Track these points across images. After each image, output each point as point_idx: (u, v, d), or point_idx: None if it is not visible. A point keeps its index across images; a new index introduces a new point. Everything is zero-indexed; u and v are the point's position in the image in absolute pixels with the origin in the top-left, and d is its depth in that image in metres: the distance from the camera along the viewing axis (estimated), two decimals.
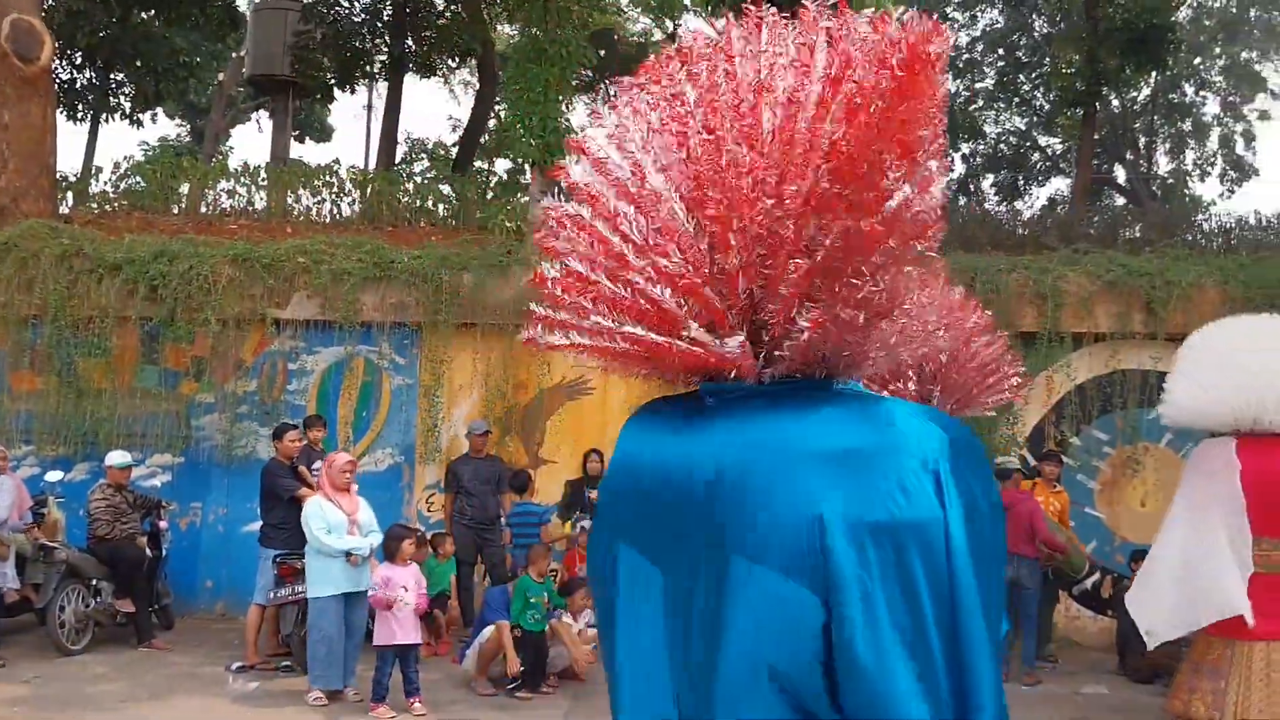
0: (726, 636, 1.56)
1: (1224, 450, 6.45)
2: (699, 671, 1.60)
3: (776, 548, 1.53)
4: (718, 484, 1.60)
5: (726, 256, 1.58)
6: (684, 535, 1.63)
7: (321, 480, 7.65)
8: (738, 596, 1.55)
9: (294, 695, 7.51)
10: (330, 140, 29.22)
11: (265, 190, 13.57)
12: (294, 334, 10.62)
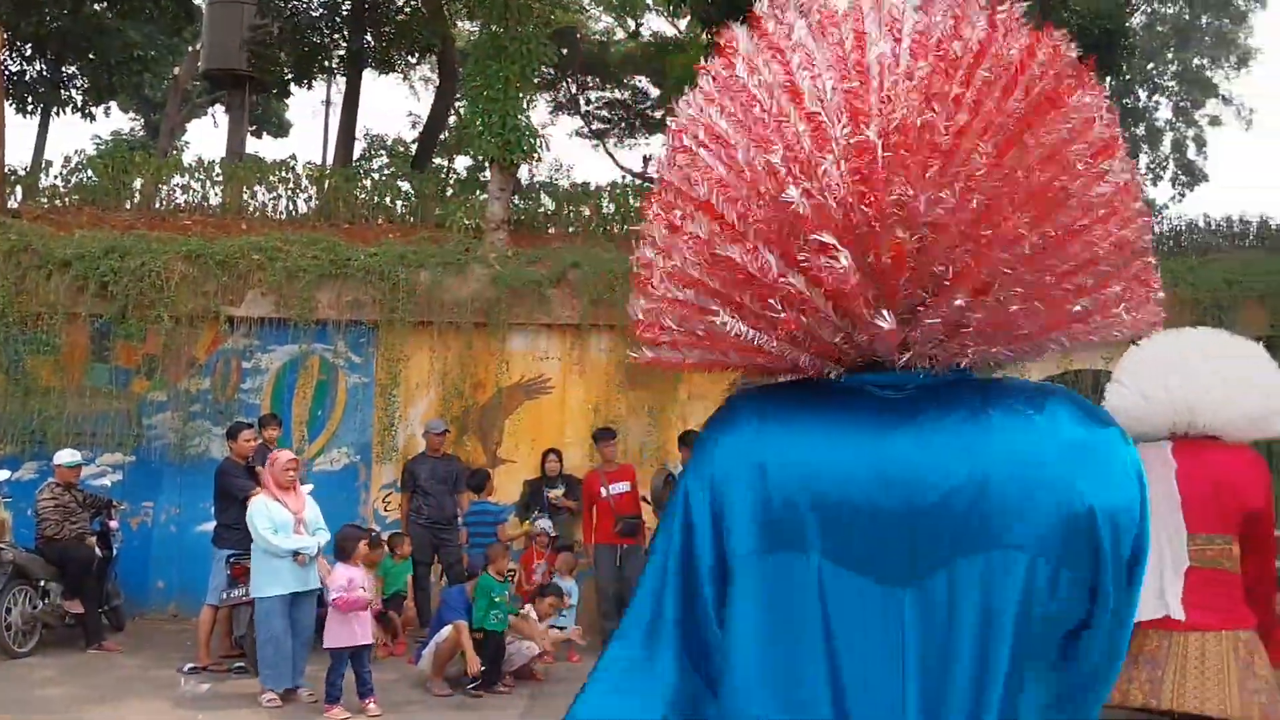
0: (994, 633, 1.55)
1: (1160, 453, 6.62)
2: (935, 676, 1.57)
3: (1055, 541, 1.55)
4: (972, 487, 1.56)
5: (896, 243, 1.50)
6: (913, 542, 1.59)
7: (265, 479, 7.56)
8: (1009, 591, 1.55)
9: (247, 697, 7.42)
10: (288, 136, 29.00)
11: (220, 186, 13.43)
12: (248, 332, 10.51)
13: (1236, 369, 6.69)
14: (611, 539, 9.14)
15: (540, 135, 12.38)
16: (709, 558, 1.72)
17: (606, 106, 25.94)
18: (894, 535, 1.58)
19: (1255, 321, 10.25)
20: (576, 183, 14.85)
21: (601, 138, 25.91)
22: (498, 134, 11.67)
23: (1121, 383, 6.99)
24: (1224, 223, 13.35)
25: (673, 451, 10.07)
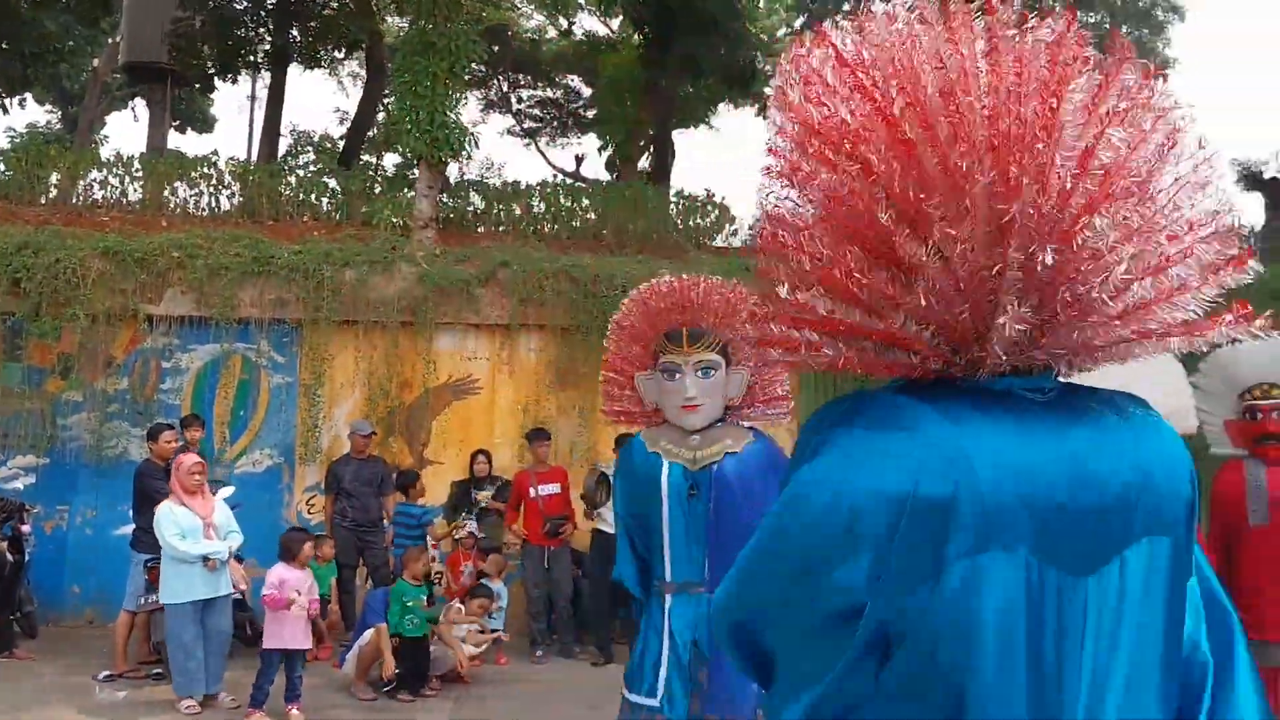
0: (1151, 612, 1.74)
1: None
2: (1105, 659, 1.71)
3: (1184, 520, 1.78)
4: (1138, 480, 1.74)
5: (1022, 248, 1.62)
6: (1095, 534, 1.71)
7: (172, 483, 7.40)
8: (1162, 572, 1.75)
9: (166, 704, 7.28)
10: (212, 131, 28.44)
11: (140, 181, 13.13)
12: (168, 331, 10.29)
13: (1145, 365, 7.06)
14: (540, 540, 9.11)
15: (470, 133, 12.30)
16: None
17: (538, 105, 25.86)
18: (1082, 529, 1.71)
19: None
20: (507, 181, 14.75)
21: (533, 136, 25.83)
22: (426, 131, 11.57)
23: None
24: None
25: (604, 452, 10.07)
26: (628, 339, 4.63)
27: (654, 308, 4.60)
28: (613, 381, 4.71)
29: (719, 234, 13.61)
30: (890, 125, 1.66)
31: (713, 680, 4.28)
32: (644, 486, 4.41)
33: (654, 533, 4.43)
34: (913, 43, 1.72)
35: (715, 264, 10.83)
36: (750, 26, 19.33)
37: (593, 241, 12.66)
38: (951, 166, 1.63)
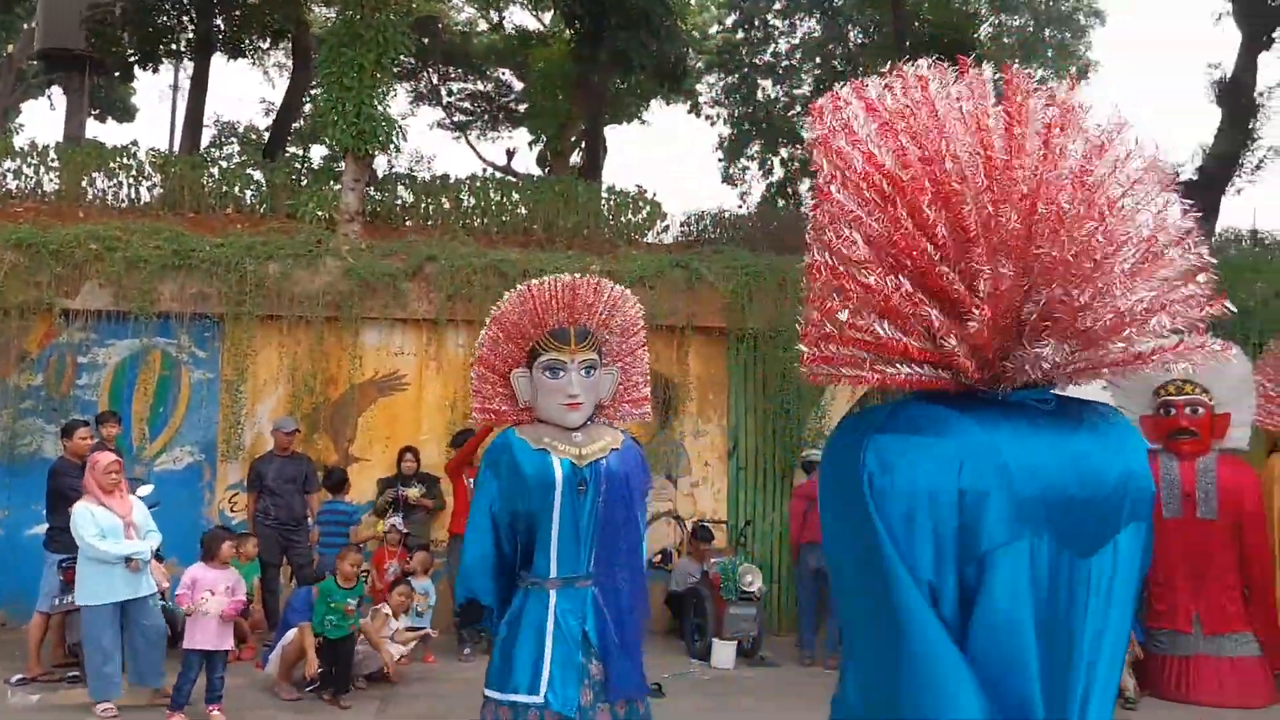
0: (1132, 586, 2.18)
1: None
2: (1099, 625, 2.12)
3: (1149, 508, 2.23)
4: (1125, 475, 2.16)
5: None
6: (1096, 521, 2.12)
7: (88, 483, 7.22)
8: (1139, 553, 2.19)
9: (81, 708, 7.11)
10: (133, 121, 27.75)
11: (56, 171, 12.79)
12: (84, 325, 10.03)
13: None
14: None
15: (398, 126, 12.16)
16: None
17: (469, 98, 25.67)
18: (1087, 517, 2.11)
19: None
20: (436, 175, 14.62)
21: (464, 130, 25.64)
22: (353, 123, 11.43)
23: None
24: None
25: None
26: (506, 336, 4.64)
27: (540, 305, 4.61)
28: (486, 379, 4.70)
29: (650, 230, 13.62)
30: (935, 179, 2.03)
31: (606, 668, 4.38)
32: (532, 483, 4.42)
33: (539, 529, 4.45)
34: (948, 104, 2.14)
35: (647, 260, 10.86)
36: (682, 23, 19.40)
37: (523, 236, 12.61)
38: (985, 216, 2.01)
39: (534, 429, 4.57)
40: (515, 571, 4.59)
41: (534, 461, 4.45)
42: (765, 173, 27.45)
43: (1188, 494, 8.32)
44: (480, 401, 4.75)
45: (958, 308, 2.05)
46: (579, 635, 4.39)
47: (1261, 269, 11.18)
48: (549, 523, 4.44)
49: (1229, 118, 16.82)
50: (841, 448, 2.26)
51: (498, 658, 4.47)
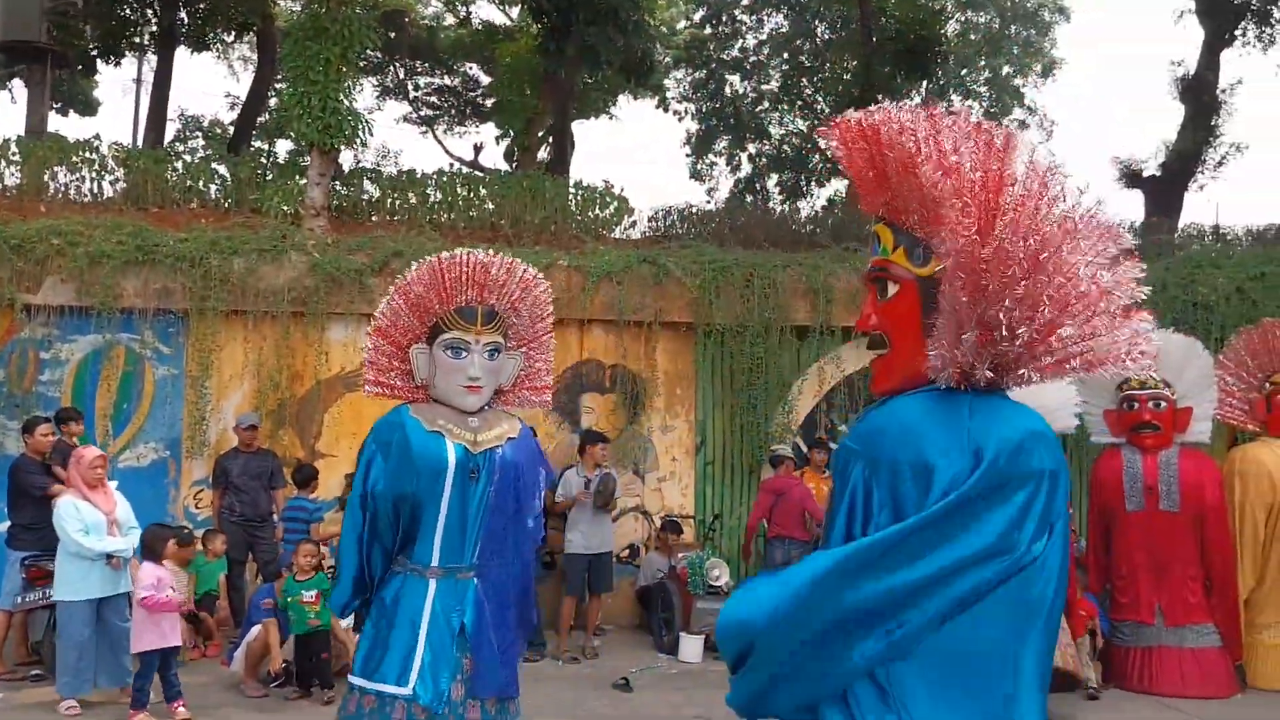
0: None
1: None
2: None
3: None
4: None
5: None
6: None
7: (72, 477, 7.15)
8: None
9: (45, 706, 7.05)
10: (96, 115, 27.46)
11: (17, 165, 12.63)
12: (46, 321, 9.91)
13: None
14: None
15: (364, 120, 12.10)
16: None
17: (436, 93, 25.56)
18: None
19: None
20: (403, 169, 14.56)
21: (430, 124, 25.53)
22: (318, 117, 11.37)
23: None
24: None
25: None
26: (410, 308, 4.37)
27: (450, 280, 4.34)
28: (383, 351, 4.44)
29: (618, 225, 13.63)
30: (990, 209, 2.41)
31: (478, 663, 4.22)
32: (421, 466, 4.18)
33: (424, 515, 4.22)
34: (989, 148, 2.49)
35: (614, 256, 10.86)
36: (649, 18, 19.38)
37: (490, 232, 12.58)
38: (1009, 248, 2.38)
39: (429, 409, 4.33)
40: (391, 555, 4.33)
41: (426, 443, 4.20)
42: (733, 168, 27.50)
43: (1150, 487, 8.41)
44: (374, 374, 4.47)
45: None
46: (456, 628, 4.19)
47: (1223, 264, 11.31)
48: (436, 510, 4.20)
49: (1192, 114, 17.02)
50: (885, 436, 2.58)
51: (366, 645, 4.24)
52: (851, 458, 2.62)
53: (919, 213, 2.55)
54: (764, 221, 14.83)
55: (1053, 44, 27.25)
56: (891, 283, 2.62)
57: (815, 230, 14.26)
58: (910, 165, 2.49)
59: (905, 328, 2.61)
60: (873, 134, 2.58)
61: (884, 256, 2.64)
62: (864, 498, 2.54)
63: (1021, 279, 2.38)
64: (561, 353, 10.64)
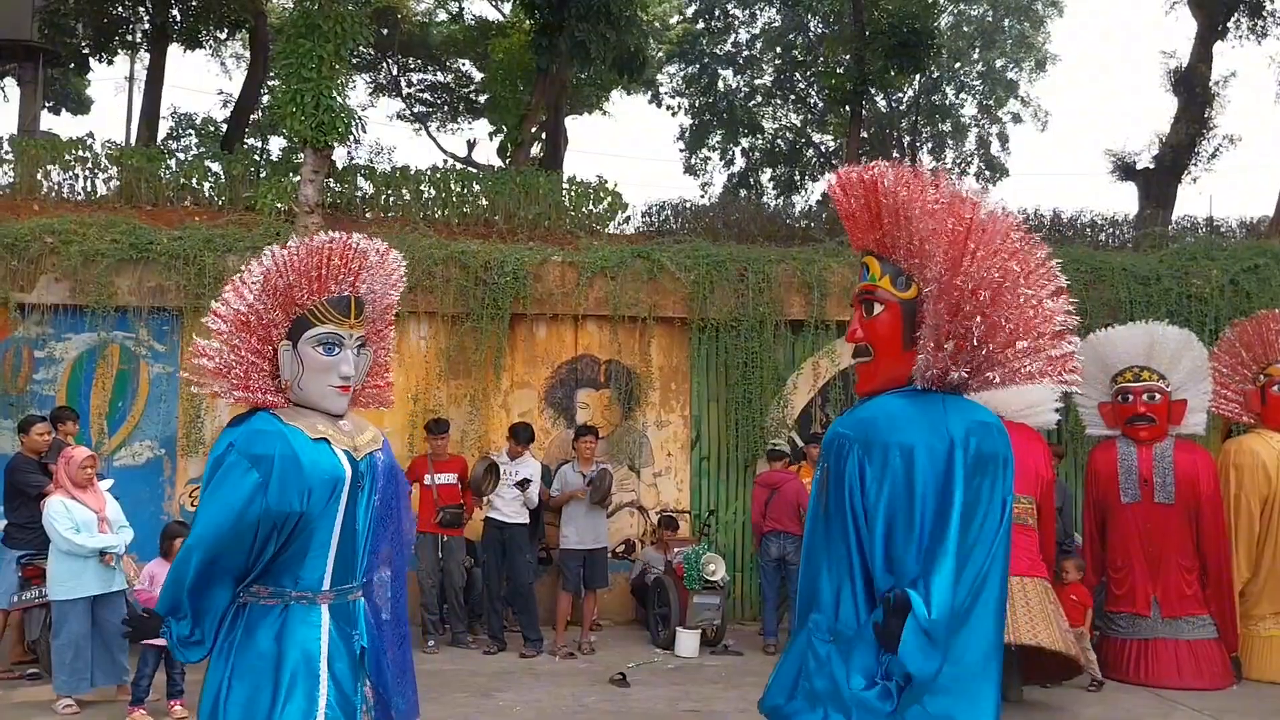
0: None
1: None
2: None
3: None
4: None
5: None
6: None
7: (60, 477, 7.15)
8: None
9: (41, 705, 7.05)
10: (89, 113, 27.39)
11: (10, 164, 12.60)
12: (41, 319, 9.90)
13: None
14: (432, 529, 9.01)
15: (357, 117, 12.07)
16: None
17: (429, 89, 25.53)
18: None
19: None
20: (396, 166, 14.53)
21: (424, 121, 25.50)
22: (311, 114, 11.33)
23: None
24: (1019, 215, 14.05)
25: (497, 440, 10.02)
26: (275, 299, 3.69)
27: (327, 268, 3.70)
28: (242, 349, 3.67)
29: (611, 221, 13.62)
30: (962, 248, 3.21)
31: (380, 689, 3.76)
32: (314, 479, 3.53)
33: (316, 534, 3.58)
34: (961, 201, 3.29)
35: (608, 251, 10.86)
36: (641, 13, 19.37)
37: (484, 228, 12.56)
38: (979, 278, 3.18)
39: (297, 414, 3.66)
40: (236, 587, 3.60)
41: (315, 454, 3.57)
42: (726, 163, 27.51)
43: (1145, 479, 8.44)
44: (235, 379, 3.65)
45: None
46: (356, 653, 3.64)
47: (1216, 256, 11.33)
48: (330, 527, 3.58)
49: (1184, 107, 17.03)
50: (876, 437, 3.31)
51: (241, 698, 3.44)
52: (846, 442, 3.31)
53: (905, 249, 3.28)
54: (758, 216, 14.81)
55: (1046, 37, 27.29)
56: (878, 304, 3.34)
57: (809, 224, 14.25)
58: (903, 212, 3.23)
59: (888, 341, 3.33)
60: (872, 184, 3.30)
61: (873, 282, 3.34)
62: (859, 474, 3.24)
63: (988, 303, 3.14)
64: (556, 348, 10.65)
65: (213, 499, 3.49)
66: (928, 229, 3.22)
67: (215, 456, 3.56)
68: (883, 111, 25.52)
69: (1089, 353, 8.81)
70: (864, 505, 3.25)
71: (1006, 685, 7.48)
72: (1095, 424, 8.86)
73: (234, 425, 3.64)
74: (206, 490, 3.53)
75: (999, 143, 27.97)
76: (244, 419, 3.65)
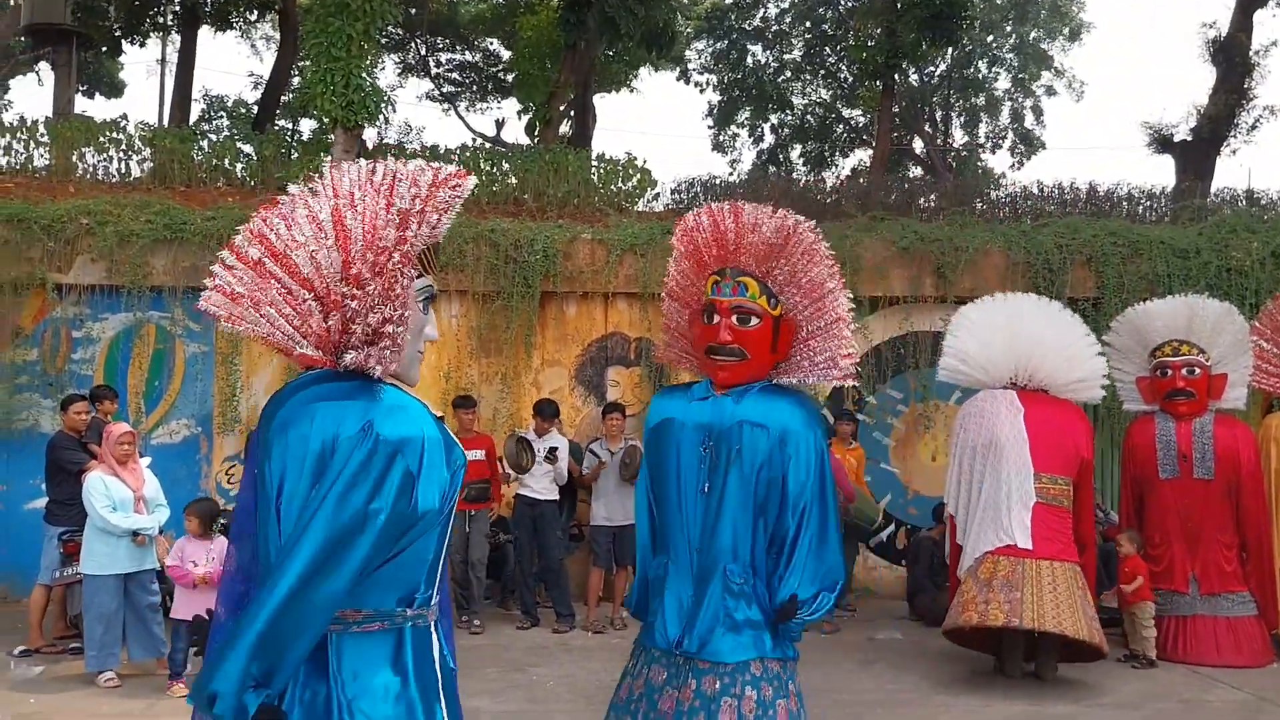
0: None
1: (1008, 397, 7.46)
2: None
3: None
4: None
5: None
6: None
7: (103, 453, 7.23)
8: None
9: (83, 679, 7.14)
10: (122, 96, 27.57)
11: (45, 147, 12.71)
12: (78, 300, 10.01)
13: (1066, 341, 7.63)
14: (460, 505, 9.02)
15: (387, 97, 12.09)
16: None
17: (457, 69, 25.53)
18: None
19: (1083, 284, 10.75)
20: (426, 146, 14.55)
21: (452, 101, 25.50)
22: (341, 95, 11.37)
23: (957, 335, 7.95)
24: (1055, 189, 13.92)
25: (526, 418, 10.03)
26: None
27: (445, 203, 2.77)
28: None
29: (641, 198, 13.58)
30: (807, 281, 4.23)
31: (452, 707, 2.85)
32: (451, 466, 2.79)
33: (434, 541, 2.76)
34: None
35: (637, 228, 10.83)
36: None
37: (513, 206, 12.56)
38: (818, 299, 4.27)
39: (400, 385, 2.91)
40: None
41: (449, 436, 2.82)
42: (755, 140, 27.33)
43: (1184, 455, 8.34)
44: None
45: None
46: (453, 682, 2.81)
47: (1256, 229, 11.15)
48: (447, 529, 2.81)
49: (1223, 77, 16.76)
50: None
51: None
52: (750, 426, 4.07)
53: (783, 280, 4.16)
54: (788, 191, 14.68)
55: (1080, 7, 26.90)
56: (755, 317, 4.10)
57: (840, 199, 14.14)
58: (781, 252, 4.16)
59: (759, 347, 4.10)
60: (786, 233, 4.17)
61: (752, 300, 4.09)
62: (767, 452, 4.05)
63: (816, 316, 4.17)
64: (587, 326, 10.65)
65: (343, 505, 2.45)
66: (800, 269, 4.16)
67: (328, 444, 2.52)
68: (914, 85, 25.27)
69: (1127, 327, 8.72)
70: (768, 476, 4.04)
71: (1042, 665, 7.48)
72: (1133, 399, 8.76)
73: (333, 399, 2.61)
74: (327, 493, 2.46)
75: (1033, 115, 27.62)
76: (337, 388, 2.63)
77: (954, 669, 7.85)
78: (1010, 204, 13.88)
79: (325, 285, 2.54)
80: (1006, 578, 7.13)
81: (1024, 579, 7.07)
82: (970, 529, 7.51)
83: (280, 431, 2.56)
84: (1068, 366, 7.65)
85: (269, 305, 2.55)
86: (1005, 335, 7.66)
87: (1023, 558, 7.16)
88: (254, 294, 2.57)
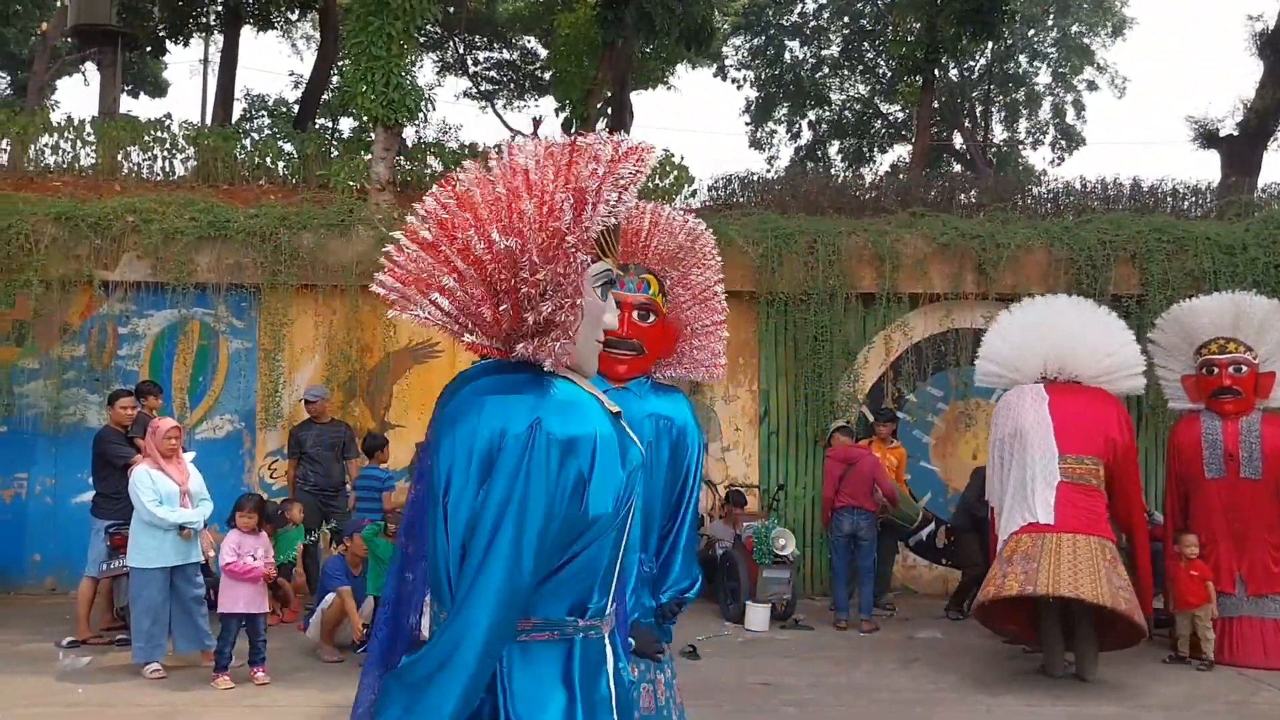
0: None
1: (1035, 389, 7.65)
2: None
3: None
4: None
5: None
6: None
7: (149, 447, 7.33)
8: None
9: (130, 670, 7.25)
10: (165, 95, 27.93)
11: (92, 146, 12.91)
12: (124, 296, 10.16)
13: (1097, 333, 7.79)
14: None
15: (426, 95, 12.16)
16: None
17: (495, 67, 25.61)
18: None
19: (1127, 280, 10.64)
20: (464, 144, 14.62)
21: (490, 99, 25.59)
22: (381, 93, 11.43)
23: (990, 340, 8.22)
24: (1098, 185, 13.77)
25: None
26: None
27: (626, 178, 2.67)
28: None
29: (678, 194, 13.57)
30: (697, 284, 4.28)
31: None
32: (627, 467, 2.52)
33: (609, 547, 2.47)
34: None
35: None
36: None
37: None
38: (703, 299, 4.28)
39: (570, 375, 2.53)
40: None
41: (624, 434, 2.54)
42: (793, 136, 27.23)
43: (1231, 454, 8.23)
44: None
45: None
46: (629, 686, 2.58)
47: None
48: (623, 534, 2.48)
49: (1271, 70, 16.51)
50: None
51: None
52: (669, 422, 4.01)
53: (675, 280, 4.16)
54: (826, 187, 14.61)
55: (1123, 2, 26.57)
56: (654, 313, 4.03)
57: (879, 195, 14.05)
58: (698, 261, 4.17)
59: (654, 343, 4.06)
60: (695, 236, 4.19)
61: (653, 297, 4.04)
62: (690, 446, 4.06)
63: (702, 316, 4.18)
64: None
65: (521, 518, 2.23)
66: (694, 272, 4.20)
67: (495, 441, 2.30)
68: (954, 80, 25.07)
69: (1172, 324, 8.61)
70: (670, 469, 4.03)
71: (1083, 661, 7.41)
72: (1178, 397, 8.66)
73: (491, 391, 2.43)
74: (502, 504, 2.23)
75: (1074, 111, 27.31)
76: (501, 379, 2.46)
77: (996, 669, 7.80)
78: (1052, 200, 13.75)
79: (498, 269, 2.31)
80: (1026, 552, 7.21)
81: (1042, 551, 7.13)
82: (1003, 516, 7.59)
83: (449, 425, 2.42)
84: (1097, 356, 7.76)
85: (437, 291, 2.36)
86: (1036, 334, 7.87)
87: (1044, 533, 7.22)
88: (424, 278, 2.38)
